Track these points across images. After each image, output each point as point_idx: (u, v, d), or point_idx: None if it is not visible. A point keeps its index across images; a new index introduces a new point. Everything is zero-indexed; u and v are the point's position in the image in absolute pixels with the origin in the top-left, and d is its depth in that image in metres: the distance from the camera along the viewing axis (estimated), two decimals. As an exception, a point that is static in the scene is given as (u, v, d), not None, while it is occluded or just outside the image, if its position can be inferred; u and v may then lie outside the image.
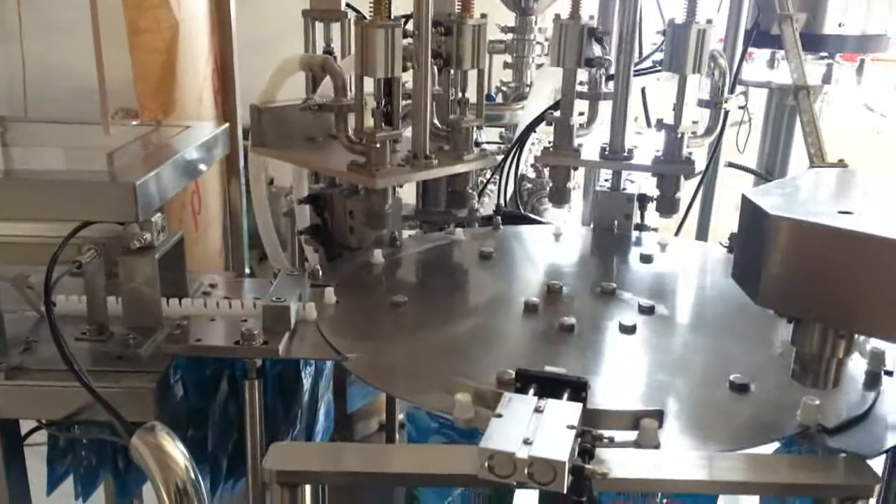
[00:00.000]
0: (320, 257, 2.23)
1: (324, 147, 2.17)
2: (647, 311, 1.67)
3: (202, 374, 1.56)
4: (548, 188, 3.30)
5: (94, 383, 1.36)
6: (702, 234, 2.84)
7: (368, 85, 1.83)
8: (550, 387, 1.21)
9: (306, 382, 1.68)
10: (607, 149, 2.14)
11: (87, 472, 1.64)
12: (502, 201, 2.68)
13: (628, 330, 1.59)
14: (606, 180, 2.28)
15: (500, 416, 1.11)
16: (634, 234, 2.17)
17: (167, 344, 1.50)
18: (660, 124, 2.09)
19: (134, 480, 1.66)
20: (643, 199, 2.27)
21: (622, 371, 1.48)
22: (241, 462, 1.63)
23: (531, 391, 1.21)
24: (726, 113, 2.16)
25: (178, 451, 1.27)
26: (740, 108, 2.63)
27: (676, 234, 2.65)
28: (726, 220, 3.04)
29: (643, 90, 2.67)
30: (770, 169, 3.05)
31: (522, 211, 2.77)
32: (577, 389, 1.21)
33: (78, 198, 1.39)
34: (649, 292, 1.79)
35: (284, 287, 1.64)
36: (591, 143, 2.20)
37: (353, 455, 1.31)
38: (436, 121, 2.12)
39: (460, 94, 2.05)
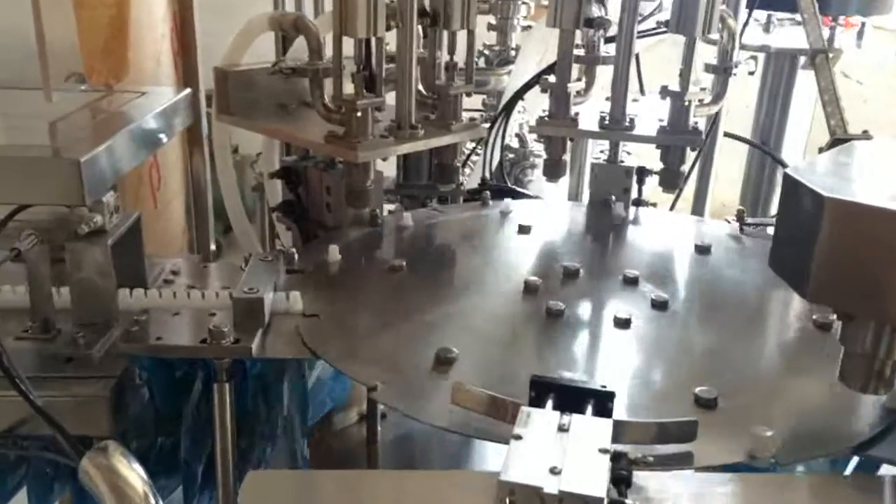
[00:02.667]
0: (294, 237, 2.04)
1: (296, 115, 1.96)
2: (661, 306, 1.51)
3: (171, 374, 1.38)
4: (529, 159, 3.17)
5: (35, 392, 1.16)
6: (698, 208, 2.70)
7: (347, 46, 1.63)
8: (572, 398, 1.05)
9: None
10: (607, 118, 1.97)
11: (41, 485, 1.44)
12: (487, 173, 2.52)
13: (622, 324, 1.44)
14: (602, 152, 2.12)
15: (519, 437, 0.95)
16: (641, 211, 2.01)
17: (123, 343, 1.30)
18: (664, 91, 1.92)
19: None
20: (642, 173, 2.11)
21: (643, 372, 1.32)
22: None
23: (549, 403, 1.05)
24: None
25: (135, 476, 1.09)
26: (750, 73, 2.46)
27: (671, 208, 2.51)
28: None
29: (637, 55, 2.49)
30: (765, 139, 2.90)
31: (509, 184, 2.60)
32: (603, 401, 1.05)
33: (12, 177, 1.19)
34: (670, 282, 1.63)
35: (257, 275, 1.45)
36: (586, 112, 2.03)
37: (343, 486, 1.12)
38: (420, 87, 1.93)
39: (448, 58, 1.86)
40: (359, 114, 1.63)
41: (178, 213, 2.15)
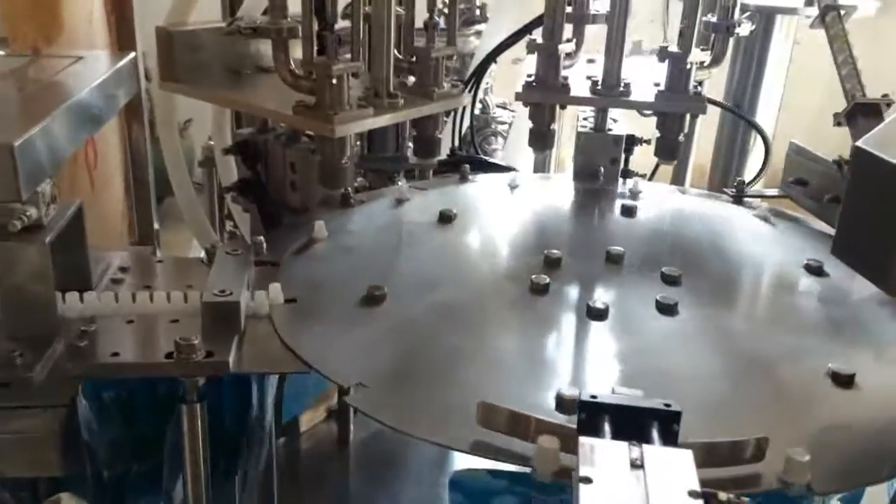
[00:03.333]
0: (252, 220, 1.82)
1: (253, 82, 1.74)
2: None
3: (143, 393, 1.17)
4: (492, 126, 2.98)
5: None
6: (680, 177, 2.57)
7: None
8: (631, 421, 0.88)
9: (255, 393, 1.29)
10: (599, 83, 1.80)
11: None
12: (457, 143, 2.33)
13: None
14: (586, 119, 1.95)
15: (588, 480, 0.78)
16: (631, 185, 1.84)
17: (70, 363, 1.08)
18: (663, 53, 1.75)
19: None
20: (631, 142, 1.95)
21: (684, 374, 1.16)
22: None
23: (605, 427, 0.88)
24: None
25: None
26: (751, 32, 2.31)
27: (651, 177, 2.37)
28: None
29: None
30: (738, 102, 2.78)
31: (479, 155, 2.40)
32: (667, 422, 0.88)
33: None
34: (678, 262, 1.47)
35: (226, 272, 1.24)
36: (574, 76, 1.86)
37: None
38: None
39: (427, 16, 1.65)
40: (334, 81, 1.42)
41: (117, 195, 1.89)
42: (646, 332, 1.25)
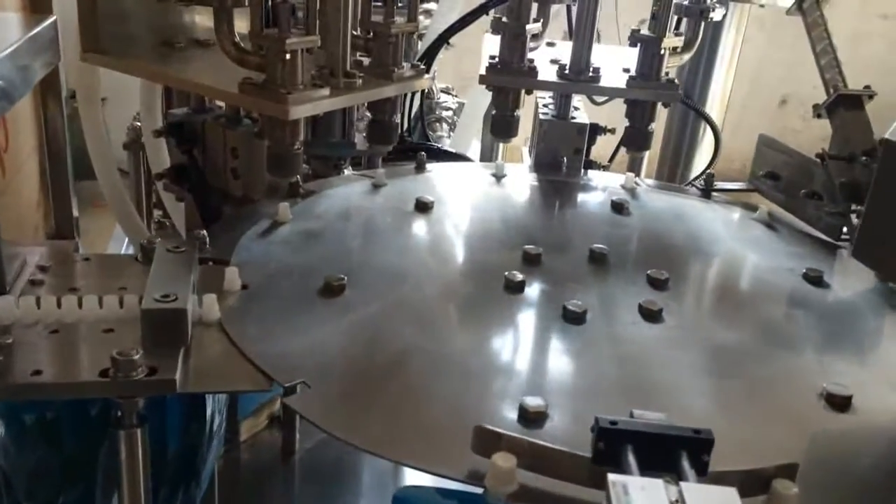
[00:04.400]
0: (187, 210, 1.64)
1: (188, 56, 1.56)
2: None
3: (71, 413, 0.99)
4: (436, 112, 2.85)
5: None
6: (635, 167, 2.48)
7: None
8: (658, 449, 0.78)
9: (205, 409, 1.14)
10: (567, 68, 1.68)
11: None
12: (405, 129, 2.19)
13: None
14: (546, 105, 1.84)
15: (627, 529, 0.66)
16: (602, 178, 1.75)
17: (-17, 383, 0.90)
18: (635, 37, 1.65)
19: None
20: (594, 131, 1.85)
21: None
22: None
23: (629, 458, 0.77)
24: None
25: None
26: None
27: (606, 168, 2.28)
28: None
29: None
30: (688, 93, 2.72)
31: (432, 143, 2.27)
32: (699, 450, 0.78)
33: None
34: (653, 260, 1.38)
35: (168, 273, 1.07)
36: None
37: None
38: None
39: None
40: (287, 56, 1.26)
41: (31, 181, 1.68)
42: (627, 340, 1.15)
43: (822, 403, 1.02)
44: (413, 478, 1.61)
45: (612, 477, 0.71)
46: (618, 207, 1.57)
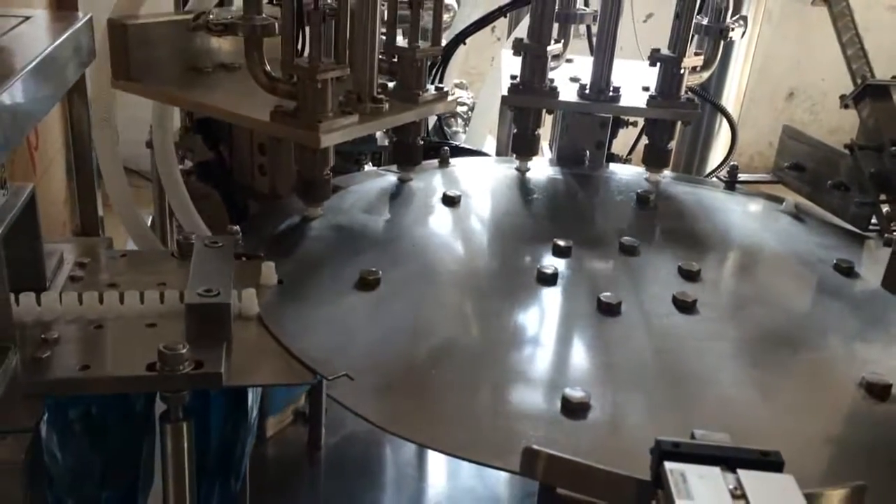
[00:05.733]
0: (213, 207, 1.65)
1: (217, 80, 1.54)
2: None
3: (118, 407, 1.00)
4: (463, 109, 2.84)
5: None
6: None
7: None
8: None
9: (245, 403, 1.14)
10: (587, 87, 1.69)
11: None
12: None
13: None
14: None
15: (690, 514, 0.66)
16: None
17: (32, 380, 0.90)
18: (655, 57, 1.65)
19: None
20: (616, 124, 1.86)
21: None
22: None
23: (688, 479, 0.76)
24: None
25: None
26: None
27: (627, 161, 2.29)
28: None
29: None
30: (705, 86, 2.71)
31: (449, 139, 2.27)
32: (769, 470, 0.76)
33: None
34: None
35: (208, 268, 1.08)
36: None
37: None
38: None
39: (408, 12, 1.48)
40: (319, 85, 1.25)
41: (58, 178, 1.68)
42: (663, 331, 1.15)
43: (862, 392, 1.03)
44: (438, 471, 1.63)
45: (669, 465, 0.71)
46: (644, 200, 1.58)
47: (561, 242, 1.34)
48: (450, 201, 1.49)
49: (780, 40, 4.83)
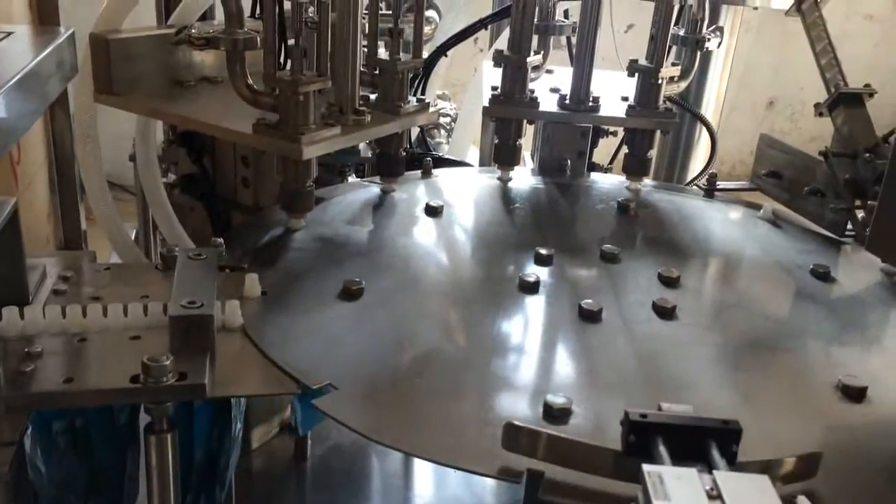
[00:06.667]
0: (197, 220, 1.65)
1: (199, 93, 1.55)
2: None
3: (102, 421, 1.01)
4: (446, 120, 2.86)
5: None
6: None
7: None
8: (688, 441, 0.79)
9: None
10: (567, 97, 1.71)
11: None
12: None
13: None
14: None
15: (667, 518, 0.68)
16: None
17: (15, 393, 0.91)
18: (633, 67, 1.68)
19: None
20: (597, 134, 1.88)
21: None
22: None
23: (660, 449, 0.79)
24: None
25: None
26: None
27: (608, 170, 2.31)
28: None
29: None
30: (684, 95, 2.74)
31: (432, 150, 2.29)
32: (728, 440, 0.80)
33: None
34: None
35: (191, 280, 1.08)
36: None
37: None
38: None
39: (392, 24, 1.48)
40: (301, 98, 1.26)
41: (41, 192, 1.68)
42: (643, 337, 1.17)
43: (838, 395, 1.04)
44: (424, 481, 1.64)
45: (647, 468, 0.73)
46: (624, 208, 1.60)
47: (543, 251, 1.36)
48: (432, 211, 1.51)
49: (760, 50, 4.90)
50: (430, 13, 2.31)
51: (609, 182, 1.78)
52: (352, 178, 1.81)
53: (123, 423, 1.03)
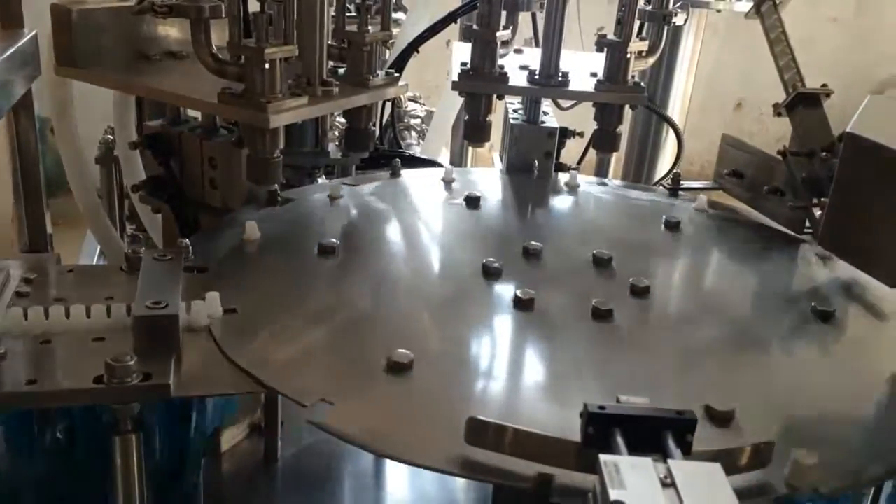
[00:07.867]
0: (164, 222, 1.65)
1: (163, 68, 1.57)
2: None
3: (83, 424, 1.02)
4: (405, 120, 2.87)
5: None
6: (602, 170, 2.54)
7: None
8: (645, 431, 0.81)
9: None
10: (536, 73, 1.73)
11: None
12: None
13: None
14: (516, 111, 1.88)
15: (621, 504, 0.69)
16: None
17: (-20, 393, 0.91)
18: (601, 42, 1.70)
19: None
20: (564, 134, 1.90)
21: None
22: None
23: (618, 440, 0.80)
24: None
25: None
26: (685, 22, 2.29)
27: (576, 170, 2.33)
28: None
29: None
30: (651, 97, 2.79)
31: (402, 149, 2.30)
32: (682, 431, 0.82)
33: None
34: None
35: (156, 281, 1.08)
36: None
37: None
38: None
39: (360, -1, 1.52)
40: (266, 66, 1.28)
41: (5, 196, 1.67)
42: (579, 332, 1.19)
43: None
44: (396, 481, 1.65)
45: (603, 457, 0.75)
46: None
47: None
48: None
49: (728, 53, 4.97)
50: (399, 15, 2.32)
51: (573, 182, 1.79)
52: (321, 180, 1.82)
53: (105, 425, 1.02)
